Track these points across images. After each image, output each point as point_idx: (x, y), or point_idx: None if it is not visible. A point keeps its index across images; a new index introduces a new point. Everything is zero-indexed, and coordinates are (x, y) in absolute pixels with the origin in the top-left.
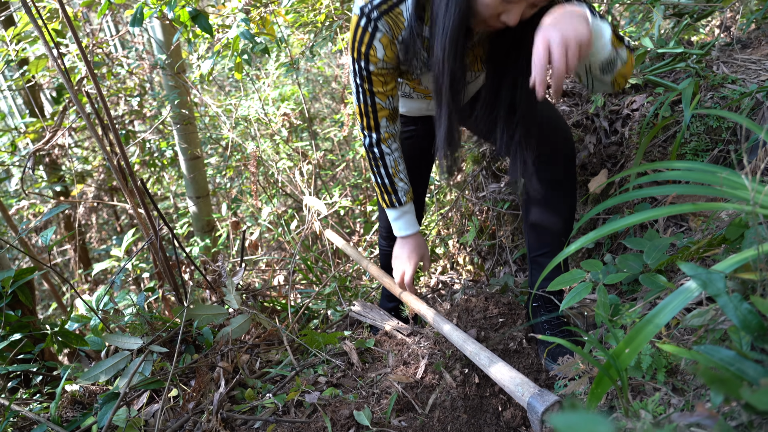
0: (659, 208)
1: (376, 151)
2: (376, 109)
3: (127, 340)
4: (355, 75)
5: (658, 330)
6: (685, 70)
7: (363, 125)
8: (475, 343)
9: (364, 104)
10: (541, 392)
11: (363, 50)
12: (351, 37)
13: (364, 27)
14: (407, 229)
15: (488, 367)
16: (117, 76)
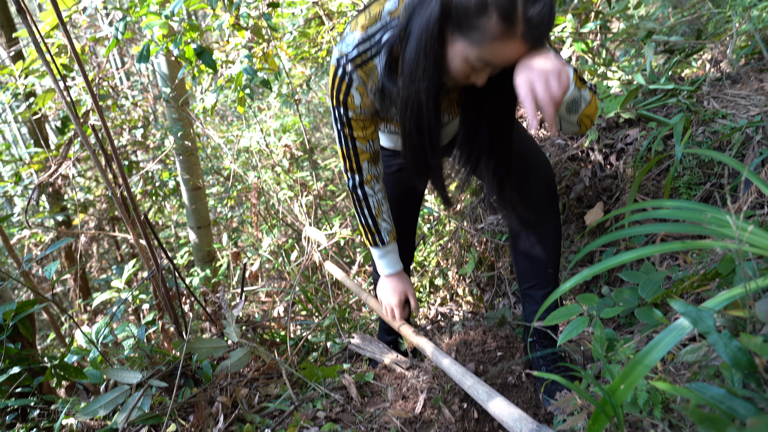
0: (651, 246)
1: (360, 192)
2: (357, 153)
3: (127, 374)
4: (336, 121)
5: (651, 367)
6: (676, 105)
7: (346, 167)
8: (473, 377)
9: (345, 148)
10: (539, 428)
11: (341, 98)
12: (329, 84)
13: (341, 77)
14: (390, 268)
15: (486, 402)
16: (121, 108)
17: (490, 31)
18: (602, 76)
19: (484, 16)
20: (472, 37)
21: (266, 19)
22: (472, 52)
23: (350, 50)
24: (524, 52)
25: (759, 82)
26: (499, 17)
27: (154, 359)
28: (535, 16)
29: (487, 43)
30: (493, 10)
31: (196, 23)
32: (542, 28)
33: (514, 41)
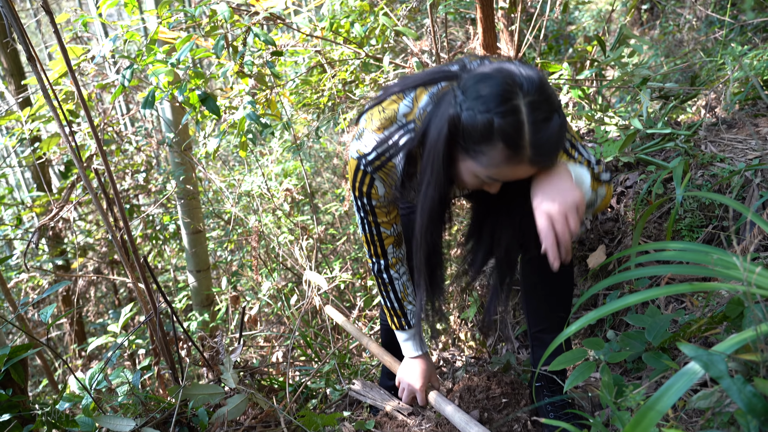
0: (658, 288)
1: (385, 276)
2: (381, 238)
3: (120, 422)
4: (359, 209)
5: (663, 414)
6: (674, 149)
7: (371, 253)
8: (478, 425)
9: (369, 234)
10: None
11: (364, 190)
12: (351, 177)
13: (362, 174)
14: (416, 351)
15: None
16: (125, 153)
17: (497, 157)
18: (599, 121)
19: (489, 144)
20: (480, 160)
21: (270, 67)
22: (480, 171)
23: (369, 152)
24: (535, 170)
25: (754, 126)
26: (504, 146)
27: (148, 406)
28: (542, 142)
29: (494, 167)
30: (498, 139)
31: (201, 71)
32: (551, 150)
33: (522, 165)
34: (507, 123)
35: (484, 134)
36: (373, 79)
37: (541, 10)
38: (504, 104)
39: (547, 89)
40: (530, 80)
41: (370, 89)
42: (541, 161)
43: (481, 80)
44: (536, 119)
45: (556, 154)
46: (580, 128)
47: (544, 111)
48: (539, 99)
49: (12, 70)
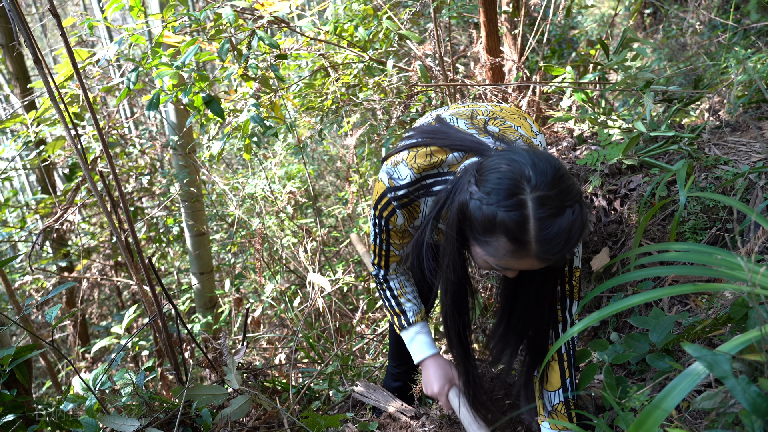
0: (660, 288)
1: (381, 279)
2: (389, 255)
3: (124, 422)
4: (375, 225)
5: (667, 414)
6: (678, 151)
7: (374, 261)
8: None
9: (378, 248)
10: None
11: (384, 215)
12: (375, 198)
13: (386, 204)
14: (422, 353)
15: None
16: (129, 155)
17: (501, 249)
18: (603, 124)
19: (493, 236)
20: (486, 249)
21: (274, 70)
22: (489, 260)
23: (399, 186)
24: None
25: (759, 129)
26: (507, 240)
27: (152, 406)
28: (549, 238)
29: (499, 258)
30: (502, 233)
31: (205, 73)
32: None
33: (528, 258)
34: (510, 218)
35: (488, 227)
36: (377, 82)
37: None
38: (509, 198)
39: (563, 182)
40: (543, 174)
41: (374, 92)
42: (550, 257)
43: (493, 171)
44: (543, 215)
45: (569, 249)
46: (583, 131)
47: (553, 206)
48: (549, 194)
49: (17, 74)
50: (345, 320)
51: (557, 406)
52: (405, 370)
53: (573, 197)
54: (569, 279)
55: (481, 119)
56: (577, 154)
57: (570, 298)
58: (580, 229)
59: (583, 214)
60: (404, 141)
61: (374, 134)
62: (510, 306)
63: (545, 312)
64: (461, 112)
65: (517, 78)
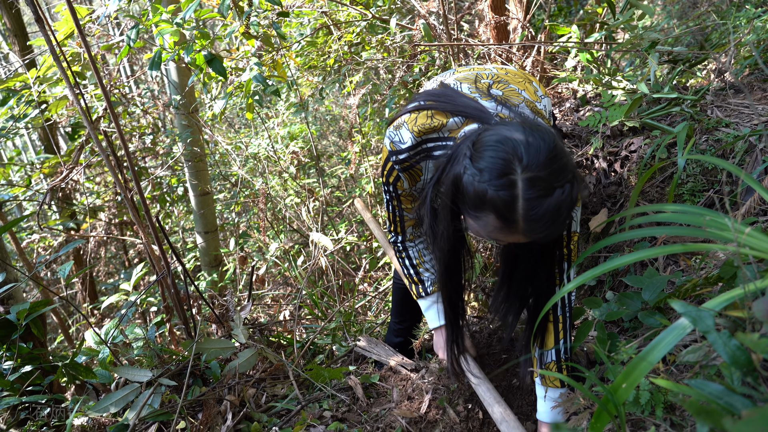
0: (653, 248)
1: (401, 246)
2: (403, 220)
3: (137, 373)
4: (385, 192)
5: (653, 365)
6: (680, 113)
7: (390, 228)
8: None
9: (392, 215)
10: None
11: (391, 180)
12: (381, 164)
13: (390, 169)
14: (437, 321)
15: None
16: (131, 115)
17: (490, 224)
18: (607, 85)
19: (482, 211)
20: (477, 222)
21: (276, 28)
22: (480, 232)
23: (401, 150)
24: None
25: (762, 91)
26: (495, 217)
27: (163, 359)
28: (537, 218)
29: (489, 232)
30: (490, 210)
31: (206, 31)
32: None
33: (515, 235)
34: (499, 197)
35: (478, 203)
36: (380, 41)
37: None
38: (500, 178)
39: (555, 162)
40: (536, 153)
41: (377, 51)
42: (537, 235)
43: (488, 147)
44: (532, 196)
45: (556, 227)
46: (587, 91)
47: (543, 187)
48: (540, 175)
49: (15, 31)
50: (348, 279)
51: (549, 364)
52: (406, 327)
53: (565, 177)
54: (567, 243)
55: (485, 83)
56: (579, 116)
57: (568, 262)
58: (569, 209)
59: (573, 194)
60: (408, 105)
61: (377, 94)
62: (510, 271)
63: (545, 277)
64: (465, 76)
65: (522, 37)
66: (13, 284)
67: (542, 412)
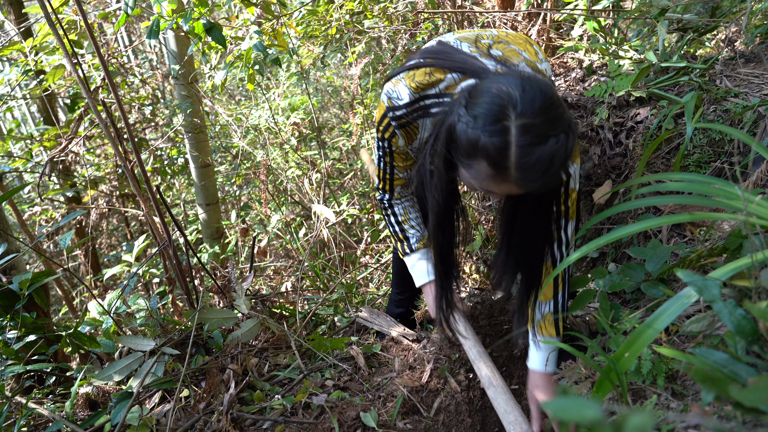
0: (658, 217)
1: (386, 204)
2: (393, 179)
3: (140, 342)
4: (378, 148)
5: (657, 334)
6: (688, 83)
7: (378, 186)
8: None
9: (383, 171)
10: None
11: (386, 136)
12: (377, 119)
13: (386, 125)
14: (422, 278)
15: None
16: (130, 86)
17: (482, 172)
18: (614, 54)
19: (474, 159)
20: (469, 171)
21: None
22: (473, 182)
23: (398, 107)
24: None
25: None
26: (487, 164)
27: (166, 328)
28: (529, 165)
29: (481, 181)
30: (482, 157)
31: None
32: (540, 174)
33: (507, 184)
34: (492, 143)
35: (470, 150)
36: (381, 9)
37: None
38: (494, 124)
39: (551, 111)
40: (531, 101)
41: (379, 20)
42: (529, 185)
43: (483, 94)
44: (524, 143)
45: (550, 178)
46: (594, 61)
47: (536, 135)
48: (535, 122)
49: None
50: (349, 251)
51: (546, 315)
52: (407, 297)
53: (560, 126)
54: (565, 200)
55: (485, 43)
56: (585, 86)
57: (566, 218)
58: (563, 159)
59: (568, 145)
60: (406, 62)
61: (379, 64)
62: (509, 228)
63: (542, 232)
64: (466, 36)
65: (527, 5)
66: (14, 254)
67: (534, 360)
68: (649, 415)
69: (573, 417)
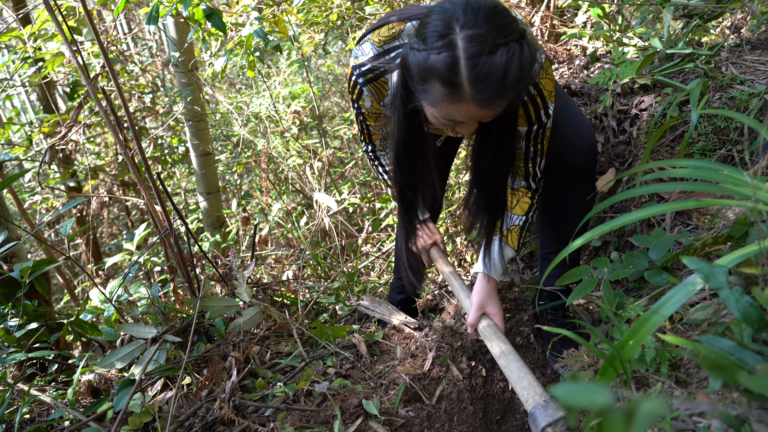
0: (663, 204)
1: (371, 155)
2: (370, 133)
3: (142, 330)
4: (352, 105)
5: (662, 322)
6: (693, 70)
7: (360, 138)
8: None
9: (360, 126)
10: (546, 404)
11: (354, 98)
12: (347, 81)
13: (353, 84)
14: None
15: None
16: (130, 74)
17: (437, 95)
18: (618, 41)
19: (427, 82)
20: (426, 98)
21: None
22: (432, 111)
23: (363, 63)
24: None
25: None
26: (440, 84)
27: (167, 316)
28: (482, 78)
29: (439, 105)
30: (434, 77)
31: None
32: (496, 88)
33: (465, 103)
34: (441, 60)
35: (423, 73)
36: None
37: None
38: (439, 40)
39: (499, 19)
40: (474, 12)
41: (381, 6)
42: (486, 101)
43: (428, 18)
44: (473, 53)
45: (506, 92)
46: (597, 48)
47: (485, 44)
48: (481, 32)
49: None
50: (350, 240)
51: (513, 227)
52: None
53: (509, 35)
54: (542, 139)
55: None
56: (589, 73)
57: (541, 156)
58: (518, 71)
59: (522, 55)
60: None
61: None
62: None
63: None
64: None
65: None
66: (15, 242)
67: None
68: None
69: (582, 403)
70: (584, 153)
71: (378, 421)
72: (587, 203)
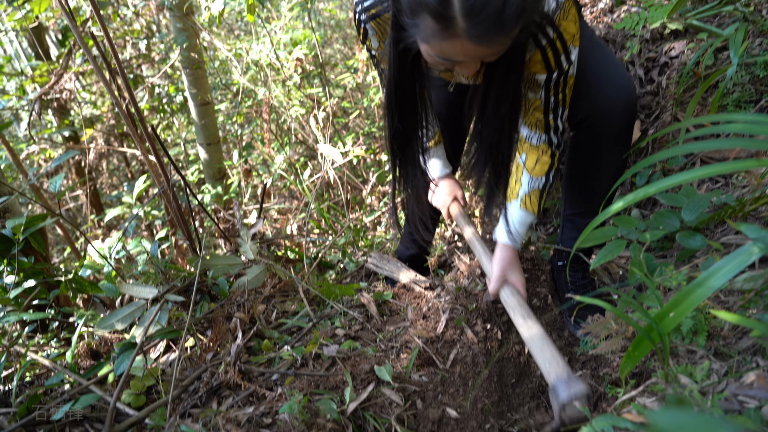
0: (724, 163)
1: None
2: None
3: (142, 290)
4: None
5: (710, 293)
6: (731, 14)
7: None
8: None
9: (378, 71)
10: (569, 378)
11: (361, 38)
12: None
13: (357, 23)
14: (434, 174)
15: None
16: (123, 18)
17: (428, 30)
18: None
19: (418, 16)
20: (419, 34)
21: None
22: (425, 48)
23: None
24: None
25: None
26: (432, 18)
27: (168, 275)
28: (476, 11)
29: (431, 42)
30: (425, 10)
31: None
32: (492, 22)
33: (459, 39)
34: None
35: (413, 6)
36: None
37: None
38: None
39: None
40: None
41: None
42: (481, 36)
43: None
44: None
45: (503, 27)
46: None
47: None
48: None
49: None
50: (355, 193)
51: (534, 190)
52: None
53: None
54: (563, 88)
55: None
56: (614, 17)
57: (563, 107)
58: (519, 3)
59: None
60: None
61: None
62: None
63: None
64: None
65: None
66: (6, 197)
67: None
68: None
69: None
70: (620, 108)
71: (391, 387)
72: (620, 163)
